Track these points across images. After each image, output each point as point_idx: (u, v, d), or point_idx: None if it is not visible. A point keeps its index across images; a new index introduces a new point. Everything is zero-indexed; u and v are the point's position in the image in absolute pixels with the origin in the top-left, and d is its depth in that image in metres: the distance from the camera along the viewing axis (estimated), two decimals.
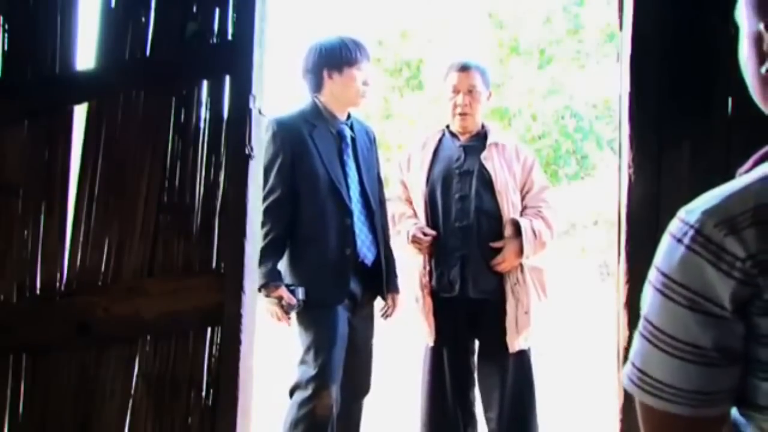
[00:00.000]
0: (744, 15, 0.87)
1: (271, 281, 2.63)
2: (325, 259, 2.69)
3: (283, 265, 2.74)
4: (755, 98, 0.89)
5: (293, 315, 2.71)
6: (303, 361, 2.68)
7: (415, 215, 3.06)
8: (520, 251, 2.90)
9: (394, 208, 3.11)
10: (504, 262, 2.91)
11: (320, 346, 2.65)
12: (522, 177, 3.03)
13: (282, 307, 2.65)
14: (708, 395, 0.83)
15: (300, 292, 2.66)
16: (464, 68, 3.03)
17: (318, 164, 2.74)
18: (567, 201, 7.65)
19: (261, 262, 2.49)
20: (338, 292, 2.70)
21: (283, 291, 2.64)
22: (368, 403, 2.93)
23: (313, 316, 2.69)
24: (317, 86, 2.83)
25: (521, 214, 2.99)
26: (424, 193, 3.03)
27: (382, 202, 2.99)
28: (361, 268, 2.78)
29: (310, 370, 2.63)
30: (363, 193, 2.82)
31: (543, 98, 10.11)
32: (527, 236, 2.89)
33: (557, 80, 10.19)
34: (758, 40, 0.84)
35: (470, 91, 3.01)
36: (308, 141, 2.75)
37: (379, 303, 2.94)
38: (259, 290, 2.56)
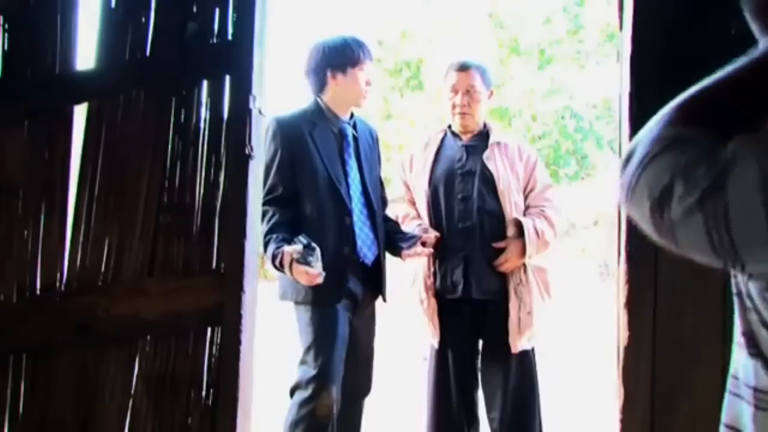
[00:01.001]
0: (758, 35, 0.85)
1: (275, 250, 2.57)
2: (323, 258, 2.68)
3: None
4: None
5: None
6: (303, 362, 2.68)
7: (419, 216, 3.06)
8: (523, 251, 2.90)
9: (397, 209, 3.11)
10: (507, 262, 2.91)
11: (320, 346, 2.65)
12: (525, 176, 3.03)
13: (299, 262, 2.53)
14: None
15: (301, 237, 2.56)
16: (463, 68, 3.03)
17: (318, 163, 2.73)
18: (567, 201, 7.65)
19: (266, 245, 2.53)
20: (336, 291, 2.69)
21: (286, 249, 2.54)
22: (370, 403, 2.93)
23: (313, 316, 2.69)
24: (320, 87, 2.82)
25: (524, 214, 2.98)
26: (427, 193, 3.02)
27: (384, 203, 2.98)
28: (361, 268, 2.77)
29: (311, 371, 2.63)
30: (365, 192, 2.82)
31: (543, 98, 10.11)
32: (530, 236, 2.89)
33: (557, 80, 10.18)
34: None
35: (469, 91, 3.01)
36: (308, 140, 2.75)
37: (380, 303, 2.94)
38: (275, 267, 2.57)
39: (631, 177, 0.79)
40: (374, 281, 2.83)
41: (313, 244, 2.51)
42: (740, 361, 0.83)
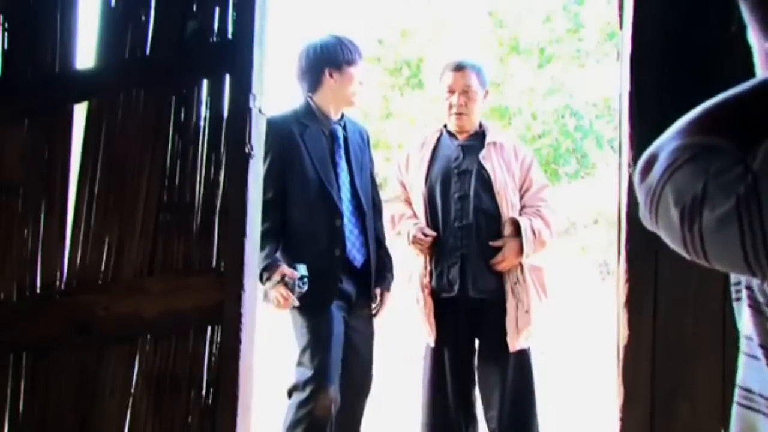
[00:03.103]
0: (753, 35, 0.83)
1: (271, 263, 2.62)
2: (313, 260, 2.69)
3: None
4: None
5: (297, 296, 2.69)
6: (300, 363, 2.68)
7: (415, 216, 3.06)
8: (520, 250, 2.90)
9: (393, 208, 3.11)
10: (503, 261, 2.91)
11: (316, 347, 2.65)
12: (521, 176, 3.04)
13: (286, 285, 2.61)
14: None
15: (302, 268, 2.63)
16: (459, 68, 3.04)
17: (308, 165, 2.73)
18: (567, 200, 7.65)
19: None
20: (327, 293, 2.69)
21: (284, 268, 2.62)
22: (368, 402, 2.92)
23: (308, 317, 2.69)
24: (314, 85, 2.82)
25: (520, 213, 2.99)
26: (423, 192, 3.03)
27: (376, 203, 2.98)
28: (352, 269, 2.77)
29: (307, 372, 2.63)
30: (354, 194, 2.81)
31: (543, 97, 10.10)
32: (527, 235, 2.89)
33: (557, 79, 10.18)
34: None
35: (465, 91, 3.01)
36: (299, 142, 2.75)
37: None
38: (261, 278, 2.56)
39: (655, 185, 0.73)
40: (368, 282, 2.84)
41: (306, 279, 2.61)
42: (754, 373, 0.79)
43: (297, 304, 2.64)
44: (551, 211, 3.03)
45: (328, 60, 2.79)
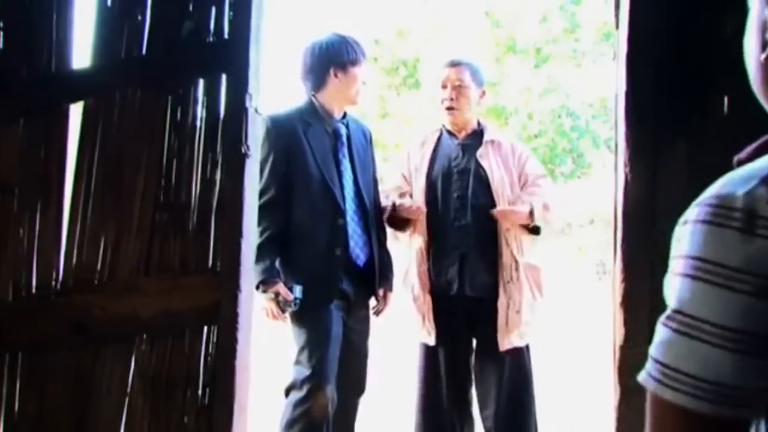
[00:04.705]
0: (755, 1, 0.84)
1: (269, 277, 2.63)
2: (315, 259, 2.69)
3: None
4: (754, 88, 0.86)
5: (288, 314, 2.71)
6: (297, 362, 2.68)
7: (410, 195, 3.06)
8: (524, 218, 2.90)
9: (388, 189, 3.12)
10: (506, 213, 2.91)
11: (314, 346, 2.65)
12: (517, 172, 3.04)
13: (278, 303, 2.65)
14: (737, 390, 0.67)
15: (297, 290, 2.66)
16: (454, 64, 3.06)
17: (311, 163, 2.73)
18: (563, 200, 7.66)
19: (258, 259, 2.47)
20: (328, 292, 2.69)
21: (280, 287, 2.63)
22: (364, 402, 2.92)
23: (306, 316, 2.69)
24: (319, 84, 2.81)
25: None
26: (424, 191, 3.02)
27: (377, 203, 2.98)
28: (353, 269, 2.77)
29: (305, 371, 2.63)
30: (357, 192, 2.81)
31: (539, 97, 10.11)
32: (536, 205, 2.90)
33: (554, 79, 10.19)
34: (763, 27, 0.82)
35: (458, 86, 3.02)
36: (302, 139, 2.74)
37: (373, 303, 2.94)
38: (257, 287, 2.56)
39: None
40: (367, 282, 2.83)
41: (298, 301, 2.65)
42: None
43: (283, 318, 2.69)
44: (545, 192, 3.03)
45: (333, 60, 2.78)
